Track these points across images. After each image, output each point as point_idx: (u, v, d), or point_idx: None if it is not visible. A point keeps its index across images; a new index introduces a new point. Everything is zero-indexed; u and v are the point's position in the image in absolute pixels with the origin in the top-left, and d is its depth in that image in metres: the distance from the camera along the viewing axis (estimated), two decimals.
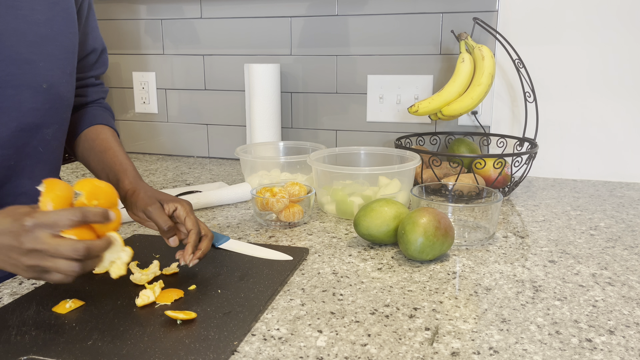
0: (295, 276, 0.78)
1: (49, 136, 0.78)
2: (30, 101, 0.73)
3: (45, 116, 0.76)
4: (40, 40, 0.74)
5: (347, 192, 1.05)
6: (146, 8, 1.62)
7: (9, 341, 0.59)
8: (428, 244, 0.80)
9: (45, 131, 0.77)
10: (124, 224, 1.02)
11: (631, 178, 1.35)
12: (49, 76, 0.75)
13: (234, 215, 1.07)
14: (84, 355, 0.57)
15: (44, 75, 0.74)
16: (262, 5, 1.51)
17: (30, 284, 0.76)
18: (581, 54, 1.32)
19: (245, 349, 0.59)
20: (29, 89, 0.73)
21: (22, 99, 0.72)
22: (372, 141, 1.51)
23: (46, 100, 0.75)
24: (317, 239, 0.94)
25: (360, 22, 1.45)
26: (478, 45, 1.23)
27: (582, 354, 0.58)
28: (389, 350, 0.59)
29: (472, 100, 1.20)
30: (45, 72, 0.74)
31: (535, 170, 1.40)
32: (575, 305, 0.69)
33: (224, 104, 1.62)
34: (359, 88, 1.49)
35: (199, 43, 1.60)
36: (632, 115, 1.32)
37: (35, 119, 0.75)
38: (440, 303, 0.70)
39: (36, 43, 0.73)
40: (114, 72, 1.70)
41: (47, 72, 0.75)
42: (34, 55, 0.73)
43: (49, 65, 0.75)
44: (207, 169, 1.52)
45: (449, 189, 1.11)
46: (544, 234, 0.97)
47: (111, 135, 0.88)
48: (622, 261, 0.84)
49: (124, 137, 1.74)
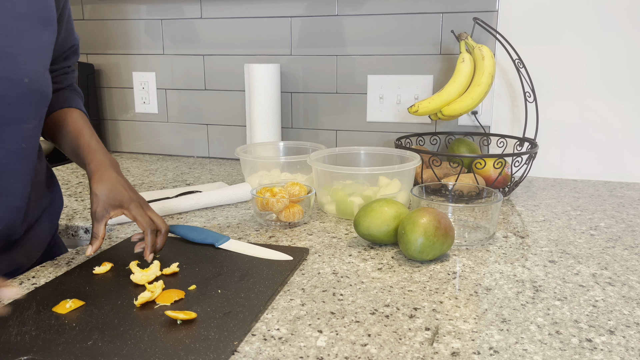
0: (295, 276, 0.78)
1: (30, 132, 0.78)
2: (11, 96, 0.72)
3: (25, 111, 0.75)
4: (19, 35, 0.73)
5: (347, 192, 1.05)
6: (146, 8, 1.62)
7: (9, 341, 0.59)
8: (428, 244, 0.80)
9: (26, 127, 0.76)
10: (123, 224, 1.02)
11: (631, 178, 1.35)
12: (30, 71, 0.74)
13: (234, 215, 1.07)
14: (84, 355, 0.57)
15: (25, 70, 0.74)
16: (262, 5, 1.51)
17: (30, 284, 0.76)
18: (581, 54, 1.32)
19: (246, 349, 0.59)
20: (9, 82, 0.72)
21: (2, 92, 0.71)
22: (372, 141, 1.51)
23: (26, 94, 0.75)
24: (317, 239, 0.94)
25: (360, 22, 1.45)
26: (478, 45, 1.23)
27: (582, 354, 0.58)
28: (389, 350, 0.59)
29: (472, 100, 1.20)
30: (25, 67, 0.74)
31: (535, 170, 1.40)
32: (576, 305, 0.69)
33: (224, 104, 1.62)
34: (359, 88, 1.49)
35: (199, 43, 1.60)
36: (632, 115, 1.32)
37: (14, 114, 0.74)
38: (441, 303, 0.70)
39: (16, 37, 0.73)
40: (114, 72, 1.71)
41: (28, 66, 0.74)
42: (14, 49, 0.72)
43: (29, 60, 0.74)
44: (207, 169, 1.52)
45: (449, 189, 1.11)
46: (544, 234, 0.97)
47: (80, 117, 0.91)
48: (622, 261, 0.84)
49: (124, 137, 1.75)
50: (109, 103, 1.74)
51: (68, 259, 0.85)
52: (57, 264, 0.83)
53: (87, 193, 1.25)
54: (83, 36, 1.69)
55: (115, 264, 0.80)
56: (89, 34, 1.69)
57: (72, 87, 0.97)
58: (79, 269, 0.79)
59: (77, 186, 1.31)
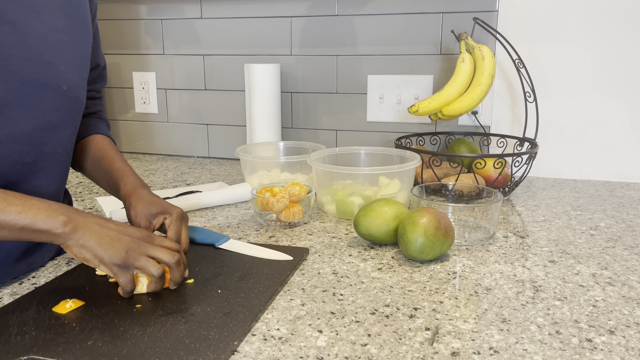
0: (295, 276, 0.78)
1: (66, 138, 0.81)
2: (51, 101, 0.76)
3: (63, 117, 0.79)
4: (60, 45, 0.76)
5: (347, 192, 1.05)
6: (146, 8, 1.62)
7: (9, 341, 0.59)
8: (428, 244, 0.80)
9: (63, 132, 0.80)
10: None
11: (631, 178, 1.35)
12: (69, 79, 0.78)
13: (234, 215, 1.07)
14: (84, 355, 0.57)
15: (63, 78, 0.77)
16: (262, 5, 1.51)
17: (30, 284, 0.76)
18: (581, 54, 1.32)
19: (246, 349, 0.59)
20: (49, 89, 0.75)
21: (43, 98, 0.75)
22: (372, 141, 1.51)
23: (65, 101, 0.78)
24: (317, 239, 0.94)
25: (360, 22, 1.45)
26: (478, 45, 1.23)
27: (582, 354, 0.58)
28: (389, 350, 0.59)
29: (472, 100, 1.20)
30: (65, 75, 0.77)
31: (535, 170, 1.40)
32: (576, 305, 0.69)
33: (224, 104, 1.62)
34: (359, 88, 1.49)
35: (199, 43, 1.60)
36: (633, 115, 1.32)
37: (54, 119, 0.77)
38: (441, 303, 0.70)
39: (56, 47, 0.76)
40: (114, 72, 1.70)
41: (67, 75, 0.77)
42: (55, 58, 0.76)
43: (68, 69, 0.78)
44: (207, 169, 1.52)
45: (449, 189, 1.11)
46: (544, 234, 0.96)
47: (108, 144, 0.93)
48: (622, 261, 0.84)
49: (124, 137, 1.75)
50: (109, 103, 1.74)
51: (68, 259, 0.85)
52: (57, 264, 0.83)
53: (87, 193, 1.25)
54: None
55: None
56: None
57: (98, 115, 0.99)
58: (79, 269, 0.79)
59: (77, 186, 1.31)
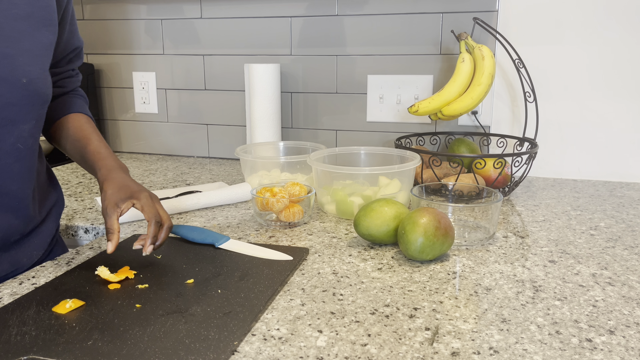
0: (295, 276, 0.78)
1: (27, 133, 0.78)
2: (7, 96, 0.73)
3: (21, 112, 0.75)
4: (18, 35, 0.73)
5: (347, 192, 1.05)
6: (146, 8, 1.62)
7: (9, 341, 0.59)
8: (428, 244, 0.80)
9: (23, 127, 0.76)
10: (124, 224, 1.02)
11: (631, 178, 1.35)
12: (28, 71, 0.74)
13: (234, 215, 1.07)
14: (84, 355, 0.57)
15: (23, 70, 0.74)
16: (262, 5, 1.51)
17: (30, 284, 0.76)
18: (581, 54, 1.32)
19: (246, 349, 0.59)
20: (6, 82, 0.72)
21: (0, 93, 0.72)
22: (372, 141, 1.51)
23: (24, 95, 0.75)
24: (317, 239, 0.94)
25: (360, 22, 1.45)
26: (478, 45, 1.23)
27: (582, 354, 0.58)
28: (389, 350, 0.59)
29: (472, 100, 1.20)
30: (24, 67, 0.74)
31: (535, 170, 1.40)
32: (576, 305, 0.69)
33: (224, 104, 1.62)
34: (359, 88, 1.49)
35: (199, 43, 1.60)
36: (632, 115, 1.32)
37: (11, 114, 0.74)
38: (441, 303, 0.70)
39: (15, 38, 0.73)
40: (114, 72, 1.71)
41: (26, 67, 0.74)
42: (12, 50, 0.72)
43: (28, 61, 0.74)
44: (207, 169, 1.52)
45: (449, 189, 1.11)
46: (544, 234, 0.97)
47: (85, 122, 0.91)
48: (622, 261, 0.84)
49: (124, 137, 1.75)
50: (109, 103, 1.74)
51: (68, 259, 0.85)
52: (57, 264, 0.83)
53: (87, 193, 1.25)
54: (83, 36, 1.69)
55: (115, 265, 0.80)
56: (89, 34, 1.69)
57: (76, 92, 0.97)
58: (79, 269, 0.79)
59: (77, 186, 1.31)
